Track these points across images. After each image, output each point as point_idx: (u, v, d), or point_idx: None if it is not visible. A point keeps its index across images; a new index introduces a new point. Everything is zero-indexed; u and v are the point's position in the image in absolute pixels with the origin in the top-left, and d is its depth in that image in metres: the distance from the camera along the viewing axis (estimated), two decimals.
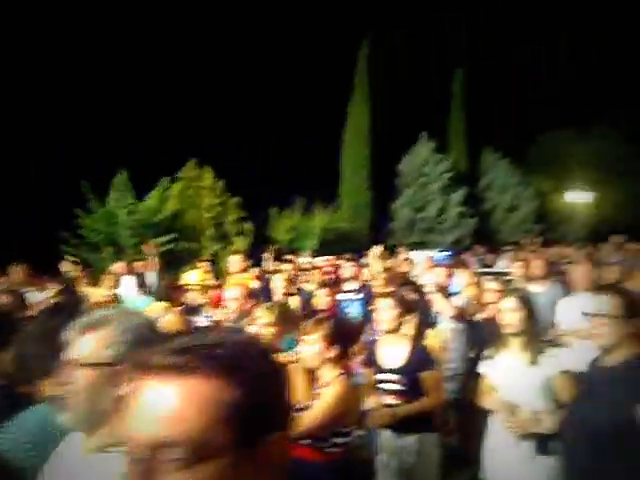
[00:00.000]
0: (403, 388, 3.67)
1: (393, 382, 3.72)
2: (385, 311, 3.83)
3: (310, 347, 3.09)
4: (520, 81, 29.67)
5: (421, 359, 3.73)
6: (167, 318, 3.88)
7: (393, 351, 3.80)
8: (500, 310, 3.37)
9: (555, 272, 7.12)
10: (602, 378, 2.61)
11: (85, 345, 1.44)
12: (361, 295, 6.10)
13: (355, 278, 6.51)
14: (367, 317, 5.24)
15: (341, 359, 3.10)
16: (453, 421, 4.89)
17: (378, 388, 3.81)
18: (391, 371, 3.74)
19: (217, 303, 5.82)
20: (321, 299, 5.59)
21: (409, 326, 4.24)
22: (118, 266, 8.17)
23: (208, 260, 9.70)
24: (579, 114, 28.63)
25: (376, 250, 7.15)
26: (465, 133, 29.02)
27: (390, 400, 3.69)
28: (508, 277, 7.45)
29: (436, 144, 26.28)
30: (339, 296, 6.15)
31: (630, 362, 2.52)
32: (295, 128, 25.13)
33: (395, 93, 27.91)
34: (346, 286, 6.41)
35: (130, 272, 7.93)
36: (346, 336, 3.23)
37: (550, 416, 3.04)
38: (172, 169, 18.18)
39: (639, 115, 26.90)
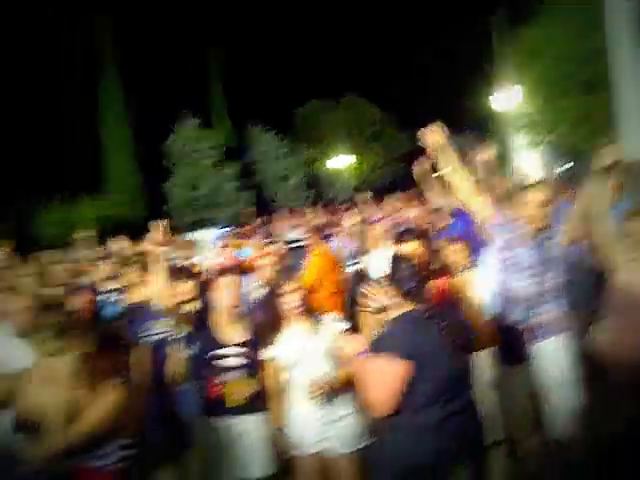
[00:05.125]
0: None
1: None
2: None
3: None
4: (274, 55, 30.38)
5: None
6: None
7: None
8: (283, 294, 3.36)
9: None
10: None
11: None
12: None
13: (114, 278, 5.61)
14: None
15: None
16: None
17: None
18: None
19: None
20: None
21: None
22: None
23: None
24: (333, 84, 30.41)
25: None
26: (227, 109, 29.06)
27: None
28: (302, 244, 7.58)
29: (201, 121, 25.81)
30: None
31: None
32: (37, 114, 22.20)
33: (149, 73, 26.68)
34: (107, 285, 5.59)
35: None
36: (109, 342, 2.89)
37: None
38: None
39: (386, 84, 29.70)
